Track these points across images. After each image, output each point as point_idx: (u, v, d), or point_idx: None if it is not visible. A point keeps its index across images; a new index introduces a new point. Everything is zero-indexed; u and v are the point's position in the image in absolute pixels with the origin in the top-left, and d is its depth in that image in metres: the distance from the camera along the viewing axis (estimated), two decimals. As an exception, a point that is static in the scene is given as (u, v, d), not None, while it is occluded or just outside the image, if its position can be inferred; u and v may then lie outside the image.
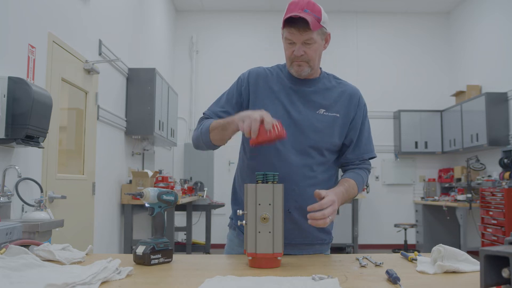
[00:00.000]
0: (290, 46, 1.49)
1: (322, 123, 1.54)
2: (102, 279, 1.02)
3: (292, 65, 1.52)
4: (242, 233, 1.61)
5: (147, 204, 1.35)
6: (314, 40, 1.47)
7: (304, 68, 1.51)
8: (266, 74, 1.61)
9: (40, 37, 3.06)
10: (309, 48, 1.48)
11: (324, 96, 1.57)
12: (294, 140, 1.51)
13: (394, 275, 1.04)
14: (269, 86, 1.58)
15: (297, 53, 1.48)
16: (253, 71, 1.63)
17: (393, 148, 8.06)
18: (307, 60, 1.50)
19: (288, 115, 1.53)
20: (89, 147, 3.98)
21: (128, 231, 4.85)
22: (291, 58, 1.51)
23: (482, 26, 7.05)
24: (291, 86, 1.58)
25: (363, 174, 1.59)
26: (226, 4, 7.90)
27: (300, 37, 1.45)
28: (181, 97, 7.30)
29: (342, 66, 8.01)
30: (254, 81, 1.60)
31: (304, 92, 1.56)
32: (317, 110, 1.54)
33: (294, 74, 1.54)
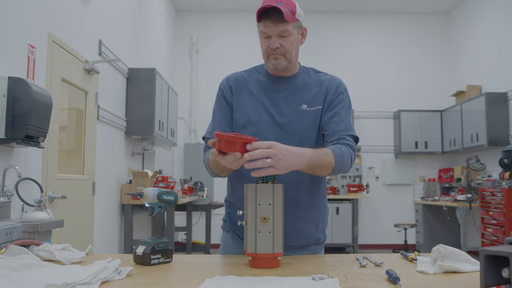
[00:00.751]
0: (265, 40, 1.48)
1: (306, 119, 1.52)
2: (102, 279, 1.02)
3: (269, 59, 1.50)
4: (237, 235, 1.60)
5: (147, 204, 1.35)
6: (290, 32, 1.45)
7: (281, 61, 1.49)
8: (244, 78, 1.59)
9: (40, 37, 3.06)
10: (285, 41, 1.46)
11: (305, 91, 1.55)
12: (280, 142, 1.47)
13: (394, 275, 1.04)
14: (249, 90, 1.57)
15: (273, 46, 1.46)
16: (231, 77, 1.61)
17: (393, 148, 8.06)
18: (283, 53, 1.48)
19: (272, 118, 1.52)
20: (89, 147, 3.98)
21: (128, 231, 4.85)
22: (267, 52, 1.49)
23: (482, 26, 7.05)
24: (270, 86, 1.56)
25: (343, 148, 1.44)
26: (226, 4, 7.90)
27: (275, 29, 1.44)
28: (181, 97, 7.30)
29: (342, 66, 8.01)
30: (234, 87, 1.58)
31: (285, 90, 1.55)
32: (299, 106, 1.53)
33: (272, 67, 1.51)
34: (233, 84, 1.59)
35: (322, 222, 1.63)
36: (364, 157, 8.03)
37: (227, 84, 1.60)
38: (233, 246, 1.61)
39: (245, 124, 1.54)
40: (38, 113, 2.55)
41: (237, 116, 1.56)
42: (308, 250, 1.58)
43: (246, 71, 1.63)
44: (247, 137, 1.17)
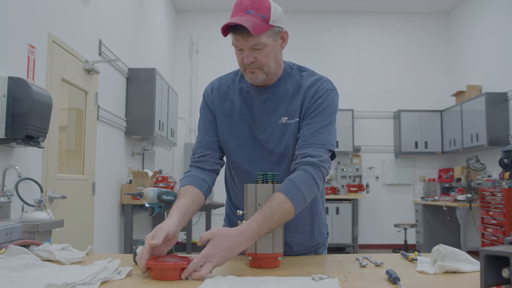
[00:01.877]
0: (239, 52, 1.36)
1: (286, 134, 1.41)
2: (102, 279, 1.02)
3: (246, 73, 1.38)
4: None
5: (147, 204, 1.35)
6: (264, 44, 1.31)
7: (258, 76, 1.36)
8: (228, 89, 1.50)
9: (40, 37, 3.06)
10: (260, 54, 1.33)
11: (285, 101, 1.42)
12: (262, 160, 1.44)
13: (394, 275, 1.04)
14: (232, 103, 1.47)
15: (247, 61, 1.33)
16: (215, 85, 1.53)
17: (393, 148, 8.06)
18: (259, 66, 1.35)
19: (253, 135, 1.44)
20: (89, 147, 3.98)
21: (128, 231, 4.85)
22: (243, 66, 1.37)
23: (482, 26, 7.05)
24: (252, 96, 1.45)
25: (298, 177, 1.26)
26: (226, 4, 7.90)
27: (246, 43, 1.31)
28: (181, 97, 7.30)
29: (342, 66, 8.02)
30: (217, 98, 1.50)
31: (265, 101, 1.44)
32: (279, 119, 1.42)
33: (249, 81, 1.41)
34: (216, 94, 1.50)
35: (318, 227, 1.57)
36: (364, 157, 8.03)
37: (211, 94, 1.52)
38: None
39: (228, 141, 1.47)
40: (38, 113, 2.55)
41: (220, 129, 1.48)
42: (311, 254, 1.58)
43: (232, 75, 1.53)
44: (182, 261, 1.09)
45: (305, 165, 1.30)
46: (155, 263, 1.08)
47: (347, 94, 7.84)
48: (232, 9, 1.36)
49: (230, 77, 1.53)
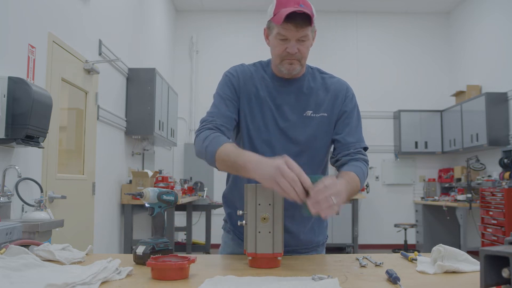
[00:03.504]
0: (282, 42, 1.40)
1: (310, 126, 1.48)
2: (102, 279, 1.02)
3: (283, 63, 1.43)
4: (237, 236, 1.58)
5: (147, 204, 1.35)
6: (308, 37, 1.40)
7: (296, 67, 1.44)
8: (252, 74, 1.52)
9: (40, 37, 3.06)
10: (303, 45, 1.40)
11: (311, 97, 1.50)
12: (282, 148, 1.46)
13: (394, 275, 1.04)
14: (256, 89, 1.50)
15: (292, 51, 1.39)
16: (239, 70, 1.53)
17: (393, 148, 8.06)
18: (299, 58, 1.42)
19: (275, 123, 1.48)
20: (89, 147, 3.98)
21: (128, 231, 4.85)
22: (282, 56, 1.42)
23: (482, 26, 7.05)
24: (276, 87, 1.50)
25: (362, 165, 1.45)
26: (226, 4, 7.90)
27: (296, 33, 1.37)
28: (181, 97, 7.30)
29: (342, 66, 8.01)
30: (243, 82, 1.51)
31: (289, 93, 1.49)
32: (304, 112, 1.48)
33: (285, 72, 1.45)
34: (242, 79, 1.51)
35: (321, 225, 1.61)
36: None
37: (236, 75, 1.51)
38: (233, 247, 1.60)
39: (248, 125, 1.49)
40: (38, 113, 2.55)
41: (242, 114, 1.49)
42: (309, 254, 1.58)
43: (252, 65, 1.56)
44: (182, 261, 1.10)
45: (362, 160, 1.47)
46: (155, 263, 1.08)
47: (347, 94, 7.83)
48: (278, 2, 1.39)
49: (251, 66, 1.56)
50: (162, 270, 1.07)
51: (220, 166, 1.34)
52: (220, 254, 1.63)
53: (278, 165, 1.13)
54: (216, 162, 1.33)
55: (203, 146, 1.37)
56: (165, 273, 1.07)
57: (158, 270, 1.07)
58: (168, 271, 1.07)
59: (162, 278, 1.07)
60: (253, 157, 1.24)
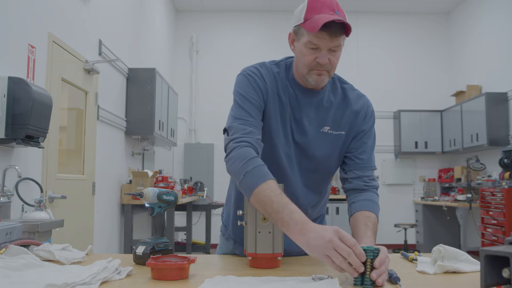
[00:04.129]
0: (312, 51, 1.28)
1: (326, 143, 1.40)
2: (102, 279, 1.02)
3: (311, 74, 1.31)
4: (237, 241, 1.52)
5: (147, 204, 1.34)
6: (341, 47, 1.29)
7: (325, 78, 1.32)
8: (275, 77, 1.39)
9: (40, 37, 3.06)
10: (334, 56, 1.29)
11: (329, 111, 1.41)
12: (298, 162, 1.41)
13: (394, 275, 1.04)
14: (278, 94, 1.38)
15: (323, 61, 1.28)
16: (264, 71, 1.39)
17: (393, 148, 8.06)
18: (329, 69, 1.31)
19: (292, 135, 1.38)
20: (89, 147, 3.98)
21: (128, 231, 4.85)
22: (311, 66, 1.30)
23: (482, 26, 7.05)
24: (297, 97, 1.38)
25: (375, 199, 1.41)
26: (226, 4, 7.90)
27: (330, 43, 1.26)
28: (181, 97, 7.30)
29: (342, 66, 7.91)
30: (269, 84, 1.37)
31: (310, 106, 1.39)
32: (321, 128, 1.40)
33: (313, 83, 1.33)
34: (268, 81, 1.37)
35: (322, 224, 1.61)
36: (364, 157, 8.03)
37: (260, 76, 1.37)
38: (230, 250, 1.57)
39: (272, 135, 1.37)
40: (38, 113, 2.55)
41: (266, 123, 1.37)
42: None
43: (274, 66, 1.41)
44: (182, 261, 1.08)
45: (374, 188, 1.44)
46: (155, 263, 1.08)
47: (347, 94, 7.84)
48: (309, 5, 1.27)
49: (274, 67, 1.41)
50: (162, 270, 1.07)
51: (254, 203, 1.20)
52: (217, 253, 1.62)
53: (331, 239, 1.02)
54: (252, 197, 1.19)
55: (241, 170, 1.22)
56: (165, 273, 1.07)
57: (158, 270, 1.07)
58: (168, 271, 1.07)
59: (162, 278, 1.07)
60: (300, 218, 1.11)
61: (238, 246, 1.51)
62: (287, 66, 1.42)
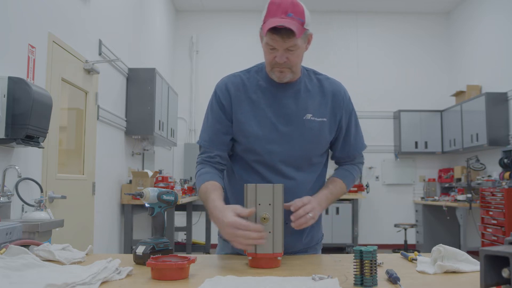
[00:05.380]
0: (271, 51, 1.39)
1: (311, 131, 1.48)
2: (102, 279, 1.02)
3: (273, 71, 1.43)
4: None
5: (147, 204, 1.35)
6: (298, 46, 1.38)
7: (286, 75, 1.43)
8: (244, 83, 1.50)
9: (40, 37, 3.06)
10: (292, 54, 1.39)
11: (308, 100, 1.49)
12: (282, 152, 1.47)
13: (394, 275, 1.04)
14: (249, 97, 1.49)
15: (280, 60, 1.39)
16: (229, 83, 1.52)
17: (393, 148, 8.06)
18: (289, 66, 1.41)
19: (275, 128, 1.46)
20: (89, 147, 3.98)
21: (128, 231, 4.85)
22: (272, 64, 1.42)
23: (482, 26, 7.05)
24: (272, 92, 1.48)
25: (354, 170, 1.59)
26: (226, 4, 7.90)
27: (283, 44, 1.35)
28: (181, 97, 7.30)
29: (342, 66, 8.01)
30: (234, 94, 1.49)
31: (287, 97, 1.48)
32: (303, 115, 1.47)
33: (276, 80, 1.46)
34: (233, 91, 1.50)
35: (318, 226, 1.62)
36: (364, 157, 8.00)
37: (226, 90, 1.50)
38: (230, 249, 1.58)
39: (247, 136, 1.48)
40: (38, 113, 2.55)
41: (238, 127, 1.49)
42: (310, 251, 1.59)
43: (245, 72, 1.54)
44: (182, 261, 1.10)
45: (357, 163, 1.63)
46: (155, 263, 1.08)
47: (347, 94, 7.83)
48: (268, 9, 1.37)
49: (243, 74, 1.54)
50: (162, 270, 1.07)
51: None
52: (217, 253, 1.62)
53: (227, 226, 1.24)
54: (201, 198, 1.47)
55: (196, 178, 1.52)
56: (165, 273, 1.07)
57: (158, 270, 1.07)
58: (168, 271, 1.07)
59: (162, 278, 1.07)
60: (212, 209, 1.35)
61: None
62: (258, 69, 1.54)
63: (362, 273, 1.01)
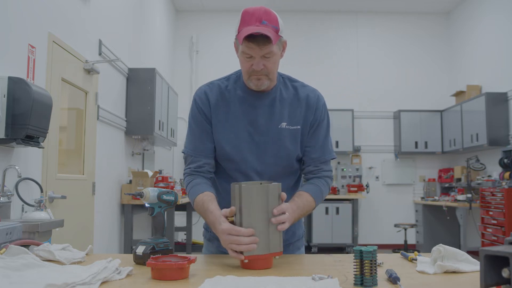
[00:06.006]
0: (248, 60, 1.42)
1: (286, 138, 1.49)
2: (102, 279, 1.02)
3: (251, 79, 1.45)
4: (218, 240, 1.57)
5: (147, 204, 1.35)
6: (274, 53, 1.40)
7: (264, 82, 1.44)
8: (222, 92, 1.53)
9: (40, 37, 3.06)
10: (269, 61, 1.41)
11: (284, 108, 1.51)
12: (257, 161, 1.49)
13: (394, 275, 1.04)
14: (227, 105, 1.51)
15: (257, 68, 1.40)
16: (208, 90, 1.54)
17: (393, 148, 8.06)
18: (266, 73, 1.43)
19: (251, 137, 1.49)
20: (89, 147, 3.98)
21: (128, 231, 4.85)
22: (249, 72, 1.43)
23: (482, 26, 7.05)
24: (249, 101, 1.50)
25: (322, 185, 1.54)
26: (226, 4, 7.90)
27: (260, 51, 1.38)
28: (181, 97, 7.30)
29: (342, 66, 8.02)
30: (213, 103, 1.51)
31: (263, 106, 1.50)
32: (279, 124, 1.49)
33: (253, 88, 1.47)
34: (212, 99, 1.52)
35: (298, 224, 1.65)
36: (364, 157, 8.03)
37: (205, 98, 1.52)
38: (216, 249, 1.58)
39: (223, 145, 1.50)
40: (38, 113, 2.55)
41: (215, 136, 1.51)
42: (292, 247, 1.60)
43: (223, 80, 1.56)
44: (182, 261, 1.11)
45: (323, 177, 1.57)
46: (155, 263, 1.08)
47: (347, 94, 7.84)
48: (241, 19, 1.41)
49: (221, 82, 1.56)
50: (162, 270, 1.07)
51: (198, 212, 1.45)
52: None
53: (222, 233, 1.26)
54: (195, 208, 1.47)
55: (187, 195, 1.52)
56: (165, 273, 1.07)
57: (158, 270, 1.07)
58: (168, 271, 1.07)
59: (162, 278, 1.07)
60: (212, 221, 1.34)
61: None
62: (237, 77, 1.55)
63: (362, 273, 1.02)
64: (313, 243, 7.17)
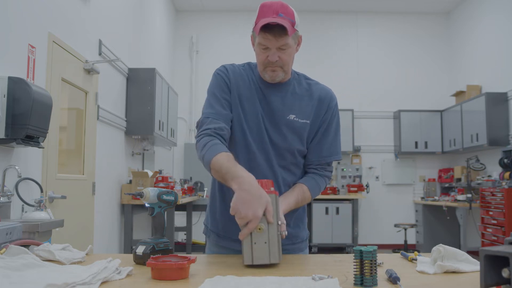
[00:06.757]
0: (263, 51, 1.45)
1: (292, 130, 1.51)
2: (102, 279, 1.02)
3: (266, 71, 1.48)
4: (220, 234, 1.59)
5: (147, 204, 1.35)
6: (289, 45, 1.43)
7: (279, 74, 1.48)
8: (242, 75, 1.56)
9: (40, 37, 3.06)
10: (284, 53, 1.44)
11: (295, 101, 1.54)
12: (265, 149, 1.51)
13: (394, 275, 1.04)
14: (246, 88, 1.54)
15: (272, 59, 1.44)
16: (230, 68, 1.57)
17: (393, 148, 8.06)
18: (281, 65, 1.46)
19: (263, 123, 1.51)
20: (89, 147, 3.98)
21: (128, 231, 4.85)
22: (264, 63, 1.47)
23: (482, 26, 7.05)
24: (262, 90, 1.54)
25: (321, 182, 1.57)
26: (226, 4, 7.90)
27: (276, 43, 1.41)
28: (181, 97, 7.30)
29: (342, 66, 8.02)
30: (234, 80, 1.55)
31: (275, 97, 1.53)
32: (287, 115, 1.52)
33: (268, 79, 1.50)
34: (232, 75, 1.55)
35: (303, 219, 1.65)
36: (364, 157, 8.03)
37: (227, 72, 1.55)
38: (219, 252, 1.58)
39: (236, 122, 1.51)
40: (38, 113, 2.55)
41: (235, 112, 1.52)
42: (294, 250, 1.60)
43: (242, 66, 1.60)
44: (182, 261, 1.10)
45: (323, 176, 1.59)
46: (155, 263, 1.08)
47: (347, 94, 7.83)
48: (259, 11, 1.45)
49: (242, 67, 1.59)
50: (162, 270, 1.07)
51: (214, 175, 1.39)
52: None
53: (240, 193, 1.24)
54: (211, 171, 1.39)
55: (201, 154, 1.41)
56: (165, 273, 1.07)
57: (158, 270, 1.07)
58: (168, 271, 1.07)
59: (162, 278, 1.07)
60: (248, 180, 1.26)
61: (222, 239, 1.57)
62: (252, 66, 1.60)
63: (362, 273, 1.01)
64: (313, 243, 7.17)
